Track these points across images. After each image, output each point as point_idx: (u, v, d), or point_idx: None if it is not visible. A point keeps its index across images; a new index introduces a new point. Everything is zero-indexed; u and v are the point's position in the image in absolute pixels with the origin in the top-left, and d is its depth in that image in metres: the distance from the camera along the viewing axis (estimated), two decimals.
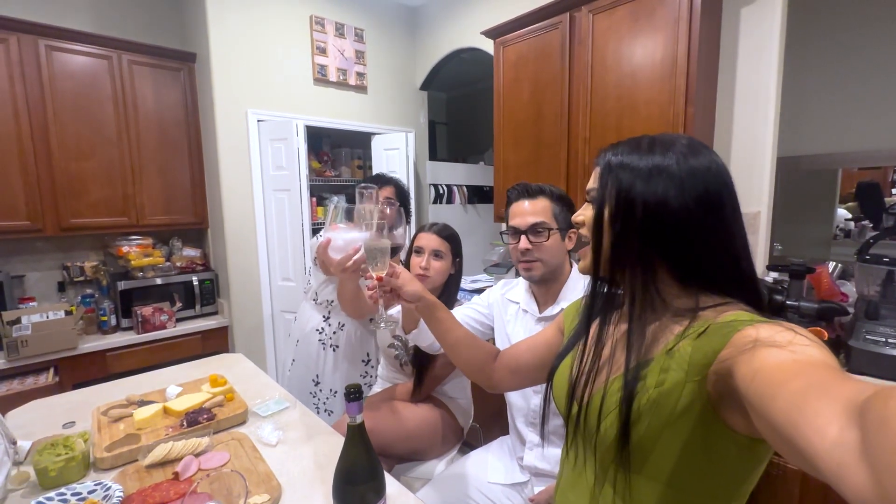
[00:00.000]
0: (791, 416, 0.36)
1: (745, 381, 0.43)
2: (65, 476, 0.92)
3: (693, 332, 0.54)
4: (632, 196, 0.58)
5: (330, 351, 1.67)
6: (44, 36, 2.18)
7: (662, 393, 0.53)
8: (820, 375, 0.38)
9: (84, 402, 1.31)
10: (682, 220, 0.56)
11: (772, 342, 0.44)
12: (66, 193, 2.28)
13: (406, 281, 0.85)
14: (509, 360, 0.87)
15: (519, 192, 1.13)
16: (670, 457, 0.54)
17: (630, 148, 0.61)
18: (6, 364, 2.02)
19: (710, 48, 1.76)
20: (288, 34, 2.69)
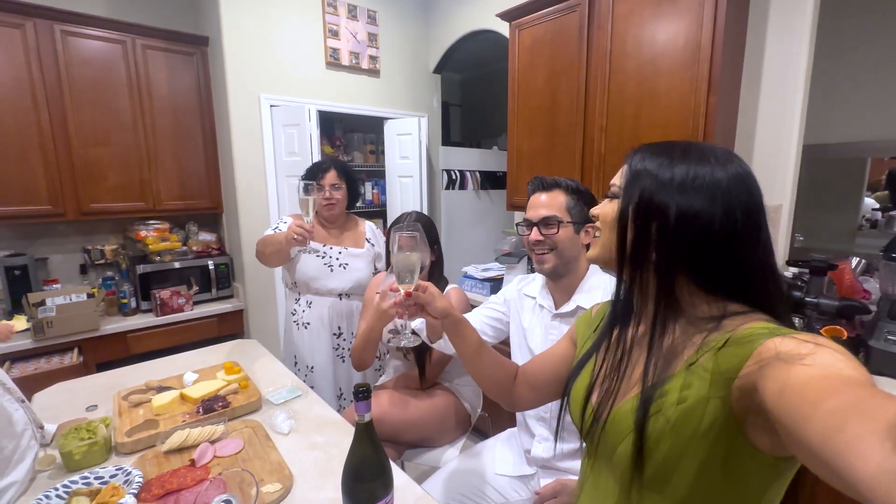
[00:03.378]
0: (830, 440, 0.35)
1: (772, 397, 0.42)
2: (88, 460, 0.97)
3: (714, 345, 0.52)
4: (662, 202, 0.56)
5: (303, 329, 1.73)
6: (59, 21, 2.18)
7: (685, 411, 0.52)
8: (856, 394, 0.37)
9: (106, 385, 1.36)
10: (715, 231, 0.55)
11: (795, 355, 0.43)
12: (85, 179, 2.32)
13: (434, 297, 0.85)
14: (528, 376, 0.86)
15: (535, 185, 1.13)
16: (690, 476, 0.52)
17: (663, 151, 0.60)
18: (33, 344, 2.10)
19: (736, 33, 1.68)
20: (300, 17, 2.65)
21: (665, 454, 0.53)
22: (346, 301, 1.74)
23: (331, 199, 1.65)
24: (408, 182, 3.20)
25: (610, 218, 0.63)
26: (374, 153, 3.52)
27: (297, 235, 1.34)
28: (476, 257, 3.27)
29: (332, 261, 1.70)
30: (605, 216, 0.65)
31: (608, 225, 0.64)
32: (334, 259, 1.70)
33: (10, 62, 2.09)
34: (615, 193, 0.63)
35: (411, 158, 3.15)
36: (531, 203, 1.12)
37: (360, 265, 1.74)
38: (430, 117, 3.36)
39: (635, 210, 0.59)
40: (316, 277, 1.69)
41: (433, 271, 1.50)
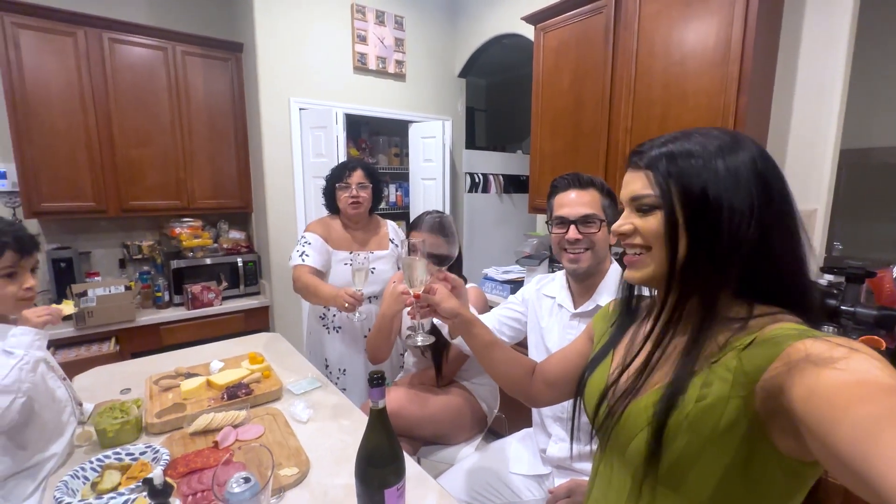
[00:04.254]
0: (860, 447, 0.34)
1: (799, 401, 0.41)
2: (120, 437, 1.02)
3: (739, 345, 0.51)
4: (715, 204, 0.53)
5: (334, 333, 1.74)
6: (107, 29, 2.33)
7: (704, 409, 0.50)
8: (890, 402, 0.35)
9: (139, 371, 1.43)
10: (765, 225, 0.52)
11: (827, 359, 0.41)
12: (126, 178, 2.46)
13: (443, 298, 0.85)
14: (545, 373, 0.85)
15: (569, 182, 1.10)
16: (710, 477, 0.51)
17: (689, 145, 0.55)
18: (75, 332, 2.23)
19: (770, 32, 1.63)
20: (330, 23, 2.73)
21: (680, 451, 0.52)
22: (376, 304, 1.75)
23: (357, 197, 1.66)
24: (431, 185, 3.23)
25: (658, 233, 0.56)
26: (398, 156, 3.57)
27: (348, 304, 1.37)
28: (497, 260, 3.26)
29: (361, 267, 1.70)
30: (651, 232, 0.57)
31: (658, 241, 0.57)
32: (361, 265, 1.70)
33: (62, 68, 2.24)
34: (653, 204, 0.57)
35: (435, 161, 3.18)
36: (563, 200, 1.09)
37: (386, 267, 1.76)
38: (455, 121, 3.39)
39: (689, 219, 0.54)
40: (346, 285, 1.66)
41: (451, 270, 1.50)
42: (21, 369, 0.88)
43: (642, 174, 0.58)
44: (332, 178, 1.73)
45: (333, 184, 1.71)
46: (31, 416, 0.95)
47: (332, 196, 1.74)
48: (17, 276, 0.98)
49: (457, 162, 3.43)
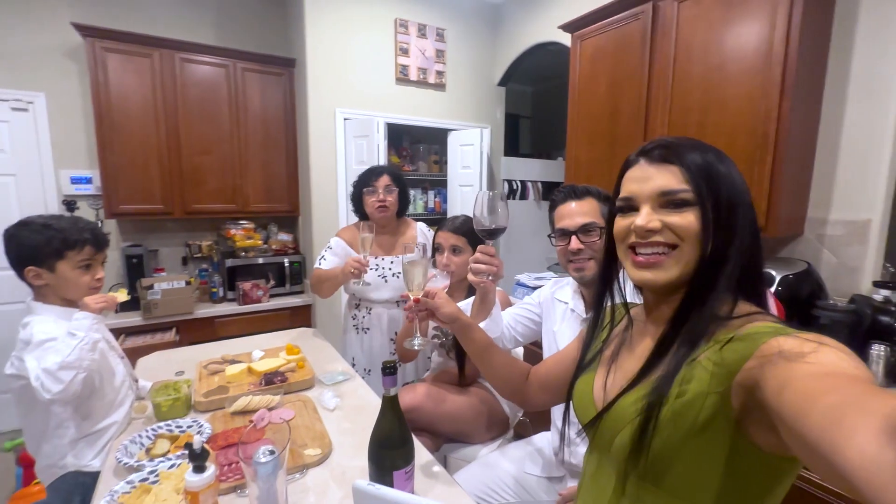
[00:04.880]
0: (826, 433, 0.35)
1: (773, 394, 0.42)
2: (172, 412, 1.15)
3: (717, 343, 0.53)
4: (736, 203, 0.56)
5: (362, 333, 1.81)
6: (179, 50, 2.60)
7: (684, 404, 0.52)
8: (855, 390, 0.37)
9: (192, 356, 1.58)
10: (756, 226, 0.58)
11: (798, 353, 0.43)
12: (190, 183, 2.71)
13: (442, 302, 0.87)
14: (539, 376, 0.87)
15: (566, 194, 1.12)
16: (690, 472, 0.53)
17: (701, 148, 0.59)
18: (142, 321, 2.48)
19: (818, 35, 1.56)
20: (374, 37, 2.88)
21: (661, 445, 0.53)
22: None
23: (384, 201, 1.70)
24: (468, 191, 3.29)
25: (694, 231, 0.55)
26: (437, 163, 3.66)
27: (354, 269, 1.47)
28: (533, 266, 3.26)
29: (386, 271, 1.76)
30: (686, 229, 0.56)
31: (692, 238, 0.56)
32: (387, 269, 1.76)
33: (140, 85, 2.52)
34: (687, 200, 0.56)
35: (472, 168, 3.24)
36: (562, 212, 1.11)
37: None
38: (493, 129, 3.44)
39: (723, 214, 0.55)
40: (373, 289, 1.74)
41: None
42: (82, 349, 1.01)
43: (673, 168, 0.57)
44: (359, 183, 1.78)
45: (361, 189, 1.76)
46: (94, 390, 1.10)
47: (359, 201, 1.78)
48: (91, 268, 1.14)
49: (495, 169, 3.47)
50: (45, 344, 1.01)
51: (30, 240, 1.07)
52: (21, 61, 2.49)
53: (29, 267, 1.08)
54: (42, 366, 0.97)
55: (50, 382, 0.96)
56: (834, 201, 1.63)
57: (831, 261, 1.65)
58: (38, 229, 1.08)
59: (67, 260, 1.10)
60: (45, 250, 1.08)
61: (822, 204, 1.66)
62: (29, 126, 2.56)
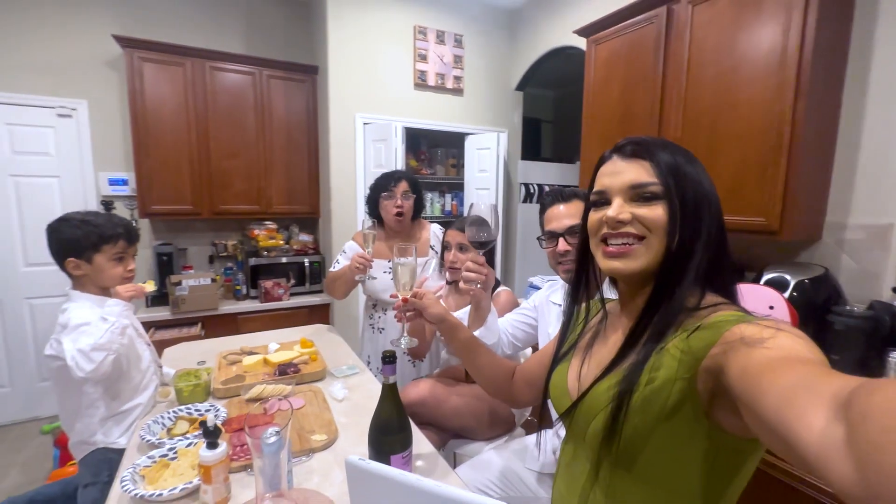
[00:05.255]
0: (780, 412, 0.37)
1: (735, 378, 0.45)
2: (193, 397, 1.23)
3: (684, 332, 0.55)
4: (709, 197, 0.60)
5: (378, 333, 1.87)
6: (209, 59, 2.74)
7: (653, 390, 0.54)
8: (807, 371, 0.39)
9: (213, 348, 1.67)
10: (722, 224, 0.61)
11: (757, 339, 0.45)
12: (217, 185, 2.85)
13: (430, 303, 0.90)
14: (525, 373, 0.89)
15: (553, 198, 1.16)
16: (660, 456, 0.55)
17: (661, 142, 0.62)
18: (170, 316, 2.61)
19: (835, 36, 1.53)
20: (393, 44, 2.97)
21: (632, 431, 0.55)
22: None
23: (401, 206, 1.75)
24: (484, 194, 3.32)
25: (661, 223, 0.58)
26: (455, 167, 3.71)
27: (359, 265, 1.53)
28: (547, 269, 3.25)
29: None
30: (654, 221, 0.58)
31: (659, 230, 0.59)
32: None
33: (173, 93, 2.67)
34: (656, 193, 0.59)
35: (489, 171, 3.28)
36: (551, 215, 1.15)
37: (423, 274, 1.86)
38: (510, 132, 3.47)
39: (689, 210, 0.58)
40: (385, 290, 1.80)
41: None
42: (112, 332, 1.11)
43: (644, 164, 0.60)
44: (376, 187, 1.82)
45: (378, 193, 1.80)
46: (122, 372, 1.19)
47: (375, 204, 1.83)
48: (123, 260, 1.25)
49: (511, 172, 3.49)
50: (80, 327, 1.10)
51: (70, 234, 1.18)
52: (66, 71, 2.68)
53: (70, 258, 1.19)
54: (77, 347, 1.06)
55: (83, 362, 1.05)
56: (854, 205, 1.59)
57: (851, 266, 1.61)
58: (77, 224, 1.19)
59: (103, 252, 1.21)
60: (84, 243, 1.18)
61: (842, 208, 1.62)
62: (72, 131, 2.74)
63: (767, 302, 1.45)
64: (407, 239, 1.89)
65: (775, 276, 1.59)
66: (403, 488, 0.56)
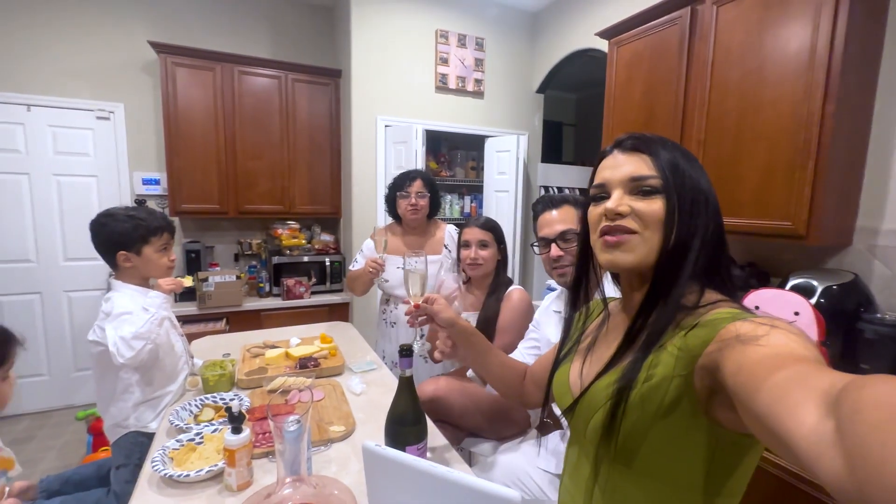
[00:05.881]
0: (773, 408, 0.37)
1: (730, 375, 0.45)
2: (218, 386, 1.28)
3: (682, 329, 0.55)
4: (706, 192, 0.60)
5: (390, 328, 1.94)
6: (238, 63, 2.84)
7: (650, 387, 0.55)
8: (800, 367, 0.39)
9: (238, 341, 1.73)
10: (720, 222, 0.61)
11: (752, 336, 0.46)
12: (243, 185, 2.94)
13: (440, 308, 0.89)
14: (534, 375, 0.89)
15: (544, 205, 1.17)
16: (658, 452, 0.55)
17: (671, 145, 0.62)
18: (197, 311, 2.71)
19: (868, 35, 1.49)
20: (415, 48, 3.01)
21: (631, 428, 0.56)
22: None
23: (416, 205, 1.82)
24: (504, 196, 3.33)
25: (658, 217, 0.58)
26: (474, 169, 3.73)
27: (371, 269, 1.67)
28: None
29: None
30: (652, 215, 0.58)
31: (656, 224, 0.58)
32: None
33: (203, 96, 2.77)
34: (655, 187, 0.59)
35: (508, 174, 3.28)
36: (543, 222, 1.16)
37: (434, 271, 1.87)
38: (531, 135, 3.47)
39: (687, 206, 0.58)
40: (397, 286, 1.86)
41: (499, 269, 1.62)
42: (152, 322, 1.17)
43: (644, 157, 0.61)
44: (393, 186, 1.89)
45: (395, 192, 1.87)
46: (157, 360, 1.25)
47: (393, 203, 1.90)
48: (167, 250, 1.33)
49: (531, 175, 3.49)
50: (122, 316, 1.17)
51: (120, 228, 1.24)
52: (105, 75, 2.82)
53: (121, 252, 1.26)
54: (119, 334, 1.12)
55: (124, 349, 1.11)
56: (888, 210, 1.54)
57: (884, 273, 1.55)
58: (123, 219, 1.25)
59: (151, 244, 1.28)
60: (133, 236, 1.25)
61: (874, 213, 1.57)
62: (109, 133, 2.88)
63: (793, 308, 1.41)
64: (423, 236, 1.95)
65: (801, 281, 1.55)
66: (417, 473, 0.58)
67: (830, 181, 1.47)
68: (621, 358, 0.61)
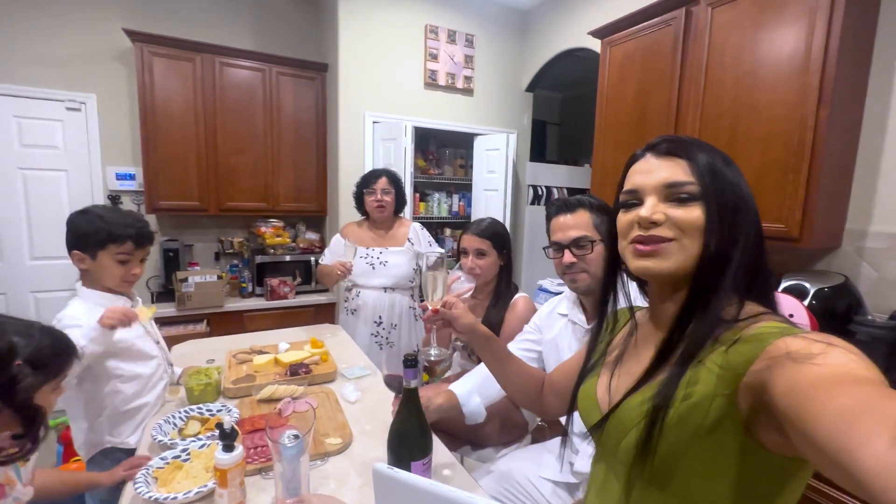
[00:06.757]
0: (839, 438, 0.35)
1: (781, 396, 0.42)
2: (203, 396, 1.20)
3: (722, 345, 0.52)
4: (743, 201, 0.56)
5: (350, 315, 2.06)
6: (219, 54, 2.72)
7: (690, 406, 0.51)
8: (865, 392, 0.37)
9: (222, 346, 1.65)
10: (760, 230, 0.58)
11: (806, 355, 0.42)
12: (224, 181, 2.83)
13: (461, 313, 0.86)
14: (553, 385, 0.86)
15: (558, 207, 1.14)
16: (697, 475, 0.52)
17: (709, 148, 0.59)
18: (176, 312, 2.60)
19: (860, 40, 1.51)
20: (404, 43, 2.94)
21: (668, 449, 0.52)
22: (390, 294, 2.01)
23: (381, 201, 1.93)
24: (493, 195, 3.30)
25: (698, 225, 0.55)
26: (463, 167, 3.69)
27: (340, 272, 1.79)
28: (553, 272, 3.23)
29: (374, 260, 1.99)
30: (690, 222, 0.55)
31: (695, 233, 0.55)
32: (375, 259, 1.99)
33: (182, 88, 2.65)
34: (693, 194, 0.56)
35: (497, 173, 3.25)
36: (556, 226, 1.13)
37: (399, 261, 1.99)
38: (520, 134, 3.44)
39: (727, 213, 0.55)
40: (361, 275, 1.98)
41: (502, 276, 1.57)
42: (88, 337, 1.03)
43: (680, 162, 0.57)
44: (360, 184, 2.01)
45: (362, 189, 1.98)
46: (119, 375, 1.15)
47: (360, 200, 2.01)
48: (128, 263, 1.19)
49: (520, 174, 3.47)
50: (68, 328, 1.02)
51: (83, 227, 1.15)
52: (76, 65, 2.67)
53: (76, 250, 1.17)
54: None
55: None
56: (875, 213, 1.56)
57: (872, 275, 1.58)
58: (92, 219, 1.16)
59: (107, 251, 1.16)
60: (92, 238, 1.15)
61: (862, 216, 1.59)
62: (81, 125, 2.73)
63: (786, 310, 1.42)
64: (388, 231, 2.07)
65: (794, 283, 1.57)
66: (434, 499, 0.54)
67: (823, 184, 1.49)
68: (654, 373, 0.58)
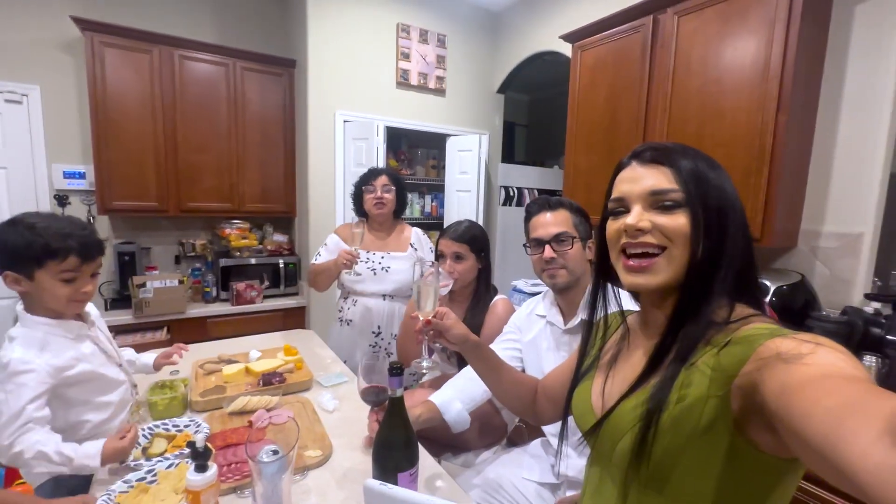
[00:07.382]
0: (829, 437, 0.35)
1: (772, 396, 0.42)
2: (169, 411, 1.13)
3: (714, 347, 0.53)
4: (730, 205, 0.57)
5: (345, 325, 1.88)
6: (179, 47, 2.58)
7: (683, 409, 0.52)
8: (854, 391, 0.37)
9: (187, 356, 1.54)
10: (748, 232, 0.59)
11: (795, 355, 0.43)
12: (185, 181, 2.68)
13: (452, 324, 0.86)
14: (546, 390, 0.86)
15: (540, 206, 1.18)
16: (691, 476, 0.52)
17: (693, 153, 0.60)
18: (133, 320, 2.44)
19: (813, 51, 1.60)
20: (376, 41, 2.89)
21: (663, 452, 0.53)
22: (389, 302, 1.85)
23: (381, 198, 1.81)
24: (465, 196, 3.30)
25: (684, 232, 0.56)
26: (435, 168, 3.67)
27: (346, 260, 1.62)
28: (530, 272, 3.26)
29: (376, 265, 1.84)
30: (676, 230, 0.56)
31: (681, 240, 0.56)
32: (377, 263, 1.84)
33: (138, 81, 2.49)
34: (678, 201, 0.56)
35: (470, 174, 3.26)
36: (537, 223, 1.17)
37: (402, 267, 1.85)
38: (492, 135, 3.46)
39: (713, 218, 0.55)
40: (359, 281, 1.83)
41: (480, 279, 1.56)
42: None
43: (664, 170, 0.58)
44: (360, 182, 1.89)
45: (361, 187, 1.87)
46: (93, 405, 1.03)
47: (359, 200, 1.89)
48: (75, 280, 0.99)
49: (492, 175, 3.49)
50: (18, 377, 0.90)
51: (12, 242, 0.94)
52: (16, 53, 2.45)
53: (6, 272, 0.96)
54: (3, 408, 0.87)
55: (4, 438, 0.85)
56: (827, 214, 1.66)
57: (824, 273, 1.68)
58: (22, 231, 0.94)
59: (46, 269, 0.96)
60: (25, 255, 0.94)
61: (816, 217, 1.69)
62: (22, 119, 2.51)
63: None
64: (388, 235, 1.93)
65: None
66: None
67: (782, 187, 1.57)
68: (648, 377, 0.58)
